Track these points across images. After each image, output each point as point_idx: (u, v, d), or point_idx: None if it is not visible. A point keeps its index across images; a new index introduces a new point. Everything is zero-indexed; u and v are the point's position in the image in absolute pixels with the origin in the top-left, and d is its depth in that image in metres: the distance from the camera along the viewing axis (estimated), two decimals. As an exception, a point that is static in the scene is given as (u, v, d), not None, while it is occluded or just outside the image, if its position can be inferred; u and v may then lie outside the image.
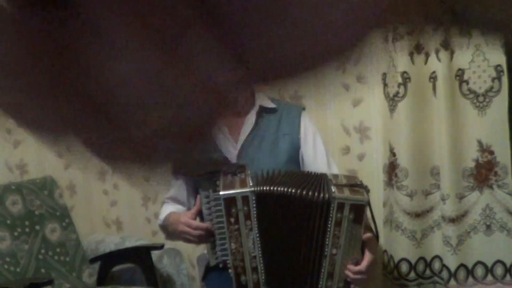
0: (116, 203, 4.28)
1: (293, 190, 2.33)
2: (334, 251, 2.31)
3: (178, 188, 2.82)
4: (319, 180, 2.41)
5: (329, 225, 2.30)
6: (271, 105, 2.76)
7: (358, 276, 2.31)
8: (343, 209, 2.27)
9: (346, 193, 2.29)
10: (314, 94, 3.31)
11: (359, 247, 2.31)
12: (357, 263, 2.32)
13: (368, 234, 2.33)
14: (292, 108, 2.81)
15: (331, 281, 2.35)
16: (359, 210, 2.27)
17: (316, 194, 2.31)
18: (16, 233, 3.31)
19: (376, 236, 2.42)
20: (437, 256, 2.83)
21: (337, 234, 2.29)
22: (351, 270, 2.31)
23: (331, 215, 2.29)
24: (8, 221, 3.32)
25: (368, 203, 2.30)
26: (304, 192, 2.32)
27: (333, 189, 2.30)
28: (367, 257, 2.32)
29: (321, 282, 2.37)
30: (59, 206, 3.58)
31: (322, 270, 2.35)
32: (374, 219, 2.44)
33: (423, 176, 2.83)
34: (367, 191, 2.35)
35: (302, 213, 2.33)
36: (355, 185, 2.36)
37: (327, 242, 2.32)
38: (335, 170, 2.68)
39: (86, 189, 4.19)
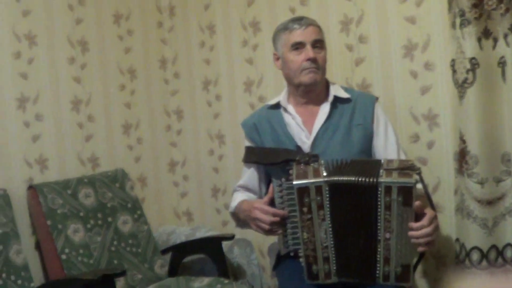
0: (186, 194, 4.33)
1: (353, 178, 2.33)
2: (387, 235, 2.30)
3: (250, 176, 2.85)
4: (374, 166, 2.40)
5: (379, 210, 2.28)
6: (345, 95, 2.76)
7: (423, 231, 2.28)
8: (390, 192, 2.25)
9: (394, 176, 2.28)
10: (382, 82, 3.29)
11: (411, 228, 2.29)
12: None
13: (417, 202, 2.29)
14: (366, 97, 2.81)
15: (388, 266, 2.33)
16: (407, 192, 2.25)
17: (366, 179, 2.30)
18: (89, 225, 3.38)
19: (430, 202, 2.39)
20: (509, 244, 2.78)
21: (388, 218, 2.28)
22: (414, 227, 2.28)
23: (379, 199, 2.27)
24: (81, 214, 3.39)
25: (416, 184, 2.27)
26: (359, 179, 2.32)
27: (381, 173, 2.29)
28: (427, 214, 2.30)
29: (378, 268, 2.35)
30: (131, 198, 3.65)
31: (378, 256, 2.33)
32: (427, 192, 2.41)
33: (494, 163, 2.78)
34: (418, 172, 2.33)
35: (359, 199, 2.33)
36: (405, 168, 2.33)
37: (379, 227, 2.30)
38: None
39: (156, 181, 4.25)
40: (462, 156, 2.84)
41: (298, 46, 2.68)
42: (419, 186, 2.35)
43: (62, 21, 3.74)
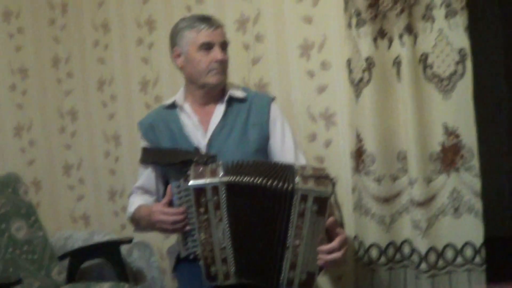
0: (83, 197, 4.24)
1: (259, 180, 2.32)
2: (297, 242, 2.30)
3: (147, 177, 2.81)
4: (285, 170, 2.40)
5: (292, 216, 2.29)
6: (241, 94, 2.75)
7: (333, 255, 2.29)
8: (306, 200, 2.25)
9: (310, 184, 2.27)
10: (279, 82, 3.30)
11: (322, 238, 2.30)
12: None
13: (331, 218, 2.31)
14: (262, 97, 2.80)
15: (294, 272, 2.34)
16: (322, 202, 2.25)
17: (280, 184, 2.30)
18: (-19, 233, 3.26)
19: (341, 223, 2.41)
20: (406, 240, 2.84)
21: (300, 225, 2.28)
22: (324, 250, 2.29)
23: (294, 205, 2.28)
24: (-27, 221, 3.26)
25: (331, 195, 2.29)
26: (269, 182, 2.31)
27: (297, 180, 2.29)
28: (339, 235, 2.31)
29: (283, 273, 2.36)
30: (24, 203, 3.53)
31: (285, 261, 2.34)
32: (339, 207, 2.43)
33: (390, 161, 2.84)
34: (333, 183, 2.34)
35: (268, 203, 2.32)
36: (321, 177, 2.34)
37: (289, 233, 2.31)
38: (302, 161, 2.67)
39: (51, 184, 4.14)
40: (358, 154, 2.89)
41: (206, 46, 2.65)
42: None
43: None
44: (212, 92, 2.71)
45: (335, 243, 2.29)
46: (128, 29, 3.91)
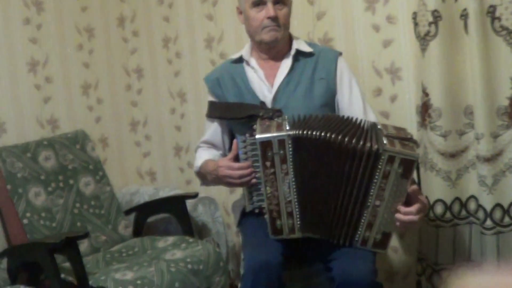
0: (149, 154, 4.29)
1: (332, 135, 2.30)
2: (377, 202, 2.29)
3: (213, 131, 2.83)
4: (366, 129, 2.38)
5: (376, 176, 2.27)
6: (308, 49, 2.73)
7: (409, 217, 2.27)
8: (393, 162, 2.23)
9: (398, 146, 2.25)
10: (344, 36, 3.26)
11: (403, 201, 2.29)
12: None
13: (414, 187, 2.29)
14: (329, 52, 2.78)
15: (370, 231, 2.33)
16: (409, 165, 2.23)
17: (362, 142, 2.27)
18: (50, 188, 3.33)
19: (420, 189, 2.39)
20: (472, 196, 2.80)
21: (383, 186, 2.27)
22: (401, 211, 2.28)
23: (379, 166, 2.26)
24: (42, 177, 3.33)
25: (417, 159, 2.27)
26: (346, 139, 2.29)
27: (385, 141, 2.26)
28: (417, 203, 2.29)
29: (359, 232, 2.35)
30: (92, 159, 3.60)
31: (362, 220, 2.33)
32: (419, 173, 2.41)
33: (456, 116, 2.79)
34: (418, 146, 2.32)
35: (344, 160, 2.30)
36: (406, 139, 2.32)
37: (371, 193, 2.29)
38: (371, 116, 2.65)
39: (118, 141, 4.20)
40: (425, 109, 2.84)
41: (259, 3, 2.64)
42: None
43: (15, -20, 3.65)
44: (274, 48, 2.70)
45: (413, 208, 2.27)
46: (192, -14, 3.91)
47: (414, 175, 2.31)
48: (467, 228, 2.83)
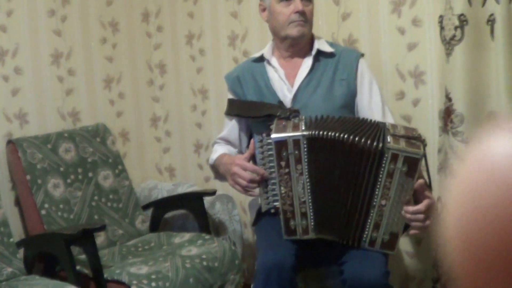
0: (169, 150, 4.29)
1: (345, 136, 2.30)
2: (383, 202, 2.27)
3: (231, 129, 2.84)
4: (376, 128, 2.37)
5: (380, 175, 2.25)
6: (329, 49, 2.72)
7: (416, 216, 2.26)
8: (396, 160, 2.22)
9: (402, 144, 2.24)
10: (369, 38, 3.24)
11: (409, 200, 2.26)
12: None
13: (420, 181, 2.27)
14: (351, 53, 2.77)
15: (377, 232, 2.31)
16: (413, 163, 2.22)
17: (369, 142, 2.27)
18: (69, 180, 3.34)
19: (429, 185, 2.37)
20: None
21: (388, 185, 2.25)
22: (408, 211, 2.26)
23: (383, 165, 2.24)
24: (62, 169, 3.35)
25: (423, 157, 2.25)
26: (357, 139, 2.28)
27: (389, 139, 2.25)
28: (425, 200, 2.27)
29: (366, 232, 2.34)
30: (112, 153, 3.61)
31: (369, 220, 2.32)
32: (428, 170, 2.39)
33: (479, 122, 2.76)
34: (424, 144, 2.30)
35: (354, 160, 2.30)
36: (412, 137, 2.30)
37: (377, 192, 2.28)
38: (389, 119, 2.63)
39: (138, 136, 4.20)
40: (447, 114, 2.81)
41: None
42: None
43: (41, -28, 3.66)
44: (297, 45, 2.69)
45: (420, 206, 2.26)
46: (218, -16, 3.90)
47: (424, 173, 2.29)
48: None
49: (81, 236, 2.80)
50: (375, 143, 2.26)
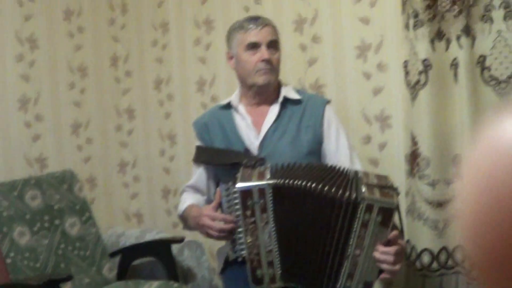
0: (137, 195, 4.26)
1: (313, 185, 2.29)
2: (357, 251, 2.26)
3: (199, 176, 2.83)
4: (347, 177, 2.37)
5: (355, 225, 2.25)
6: (296, 96, 2.73)
7: (386, 257, 2.24)
8: (371, 211, 2.22)
9: (376, 194, 2.24)
10: (335, 83, 3.27)
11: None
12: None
13: (395, 232, 2.27)
14: (317, 100, 2.78)
15: (351, 281, 2.30)
16: (387, 213, 2.22)
17: (341, 191, 2.26)
18: (35, 228, 3.30)
19: (401, 232, 2.37)
20: (459, 246, 2.78)
21: (362, 235, 2.25)
22: (379, 250, 2.25)
23: (358, 215, 2.24)
24: (27, 216, 3.30)
25: (397, 207, 2.25)
26: (326, 188, 2.27)
27: (364, 189, 2.25)
28: (397, 245, 2.26)
29: (340, 281, 2.32)
30: (79, 200, 3.57)
31: (343, 270, 2.30)
32: (401, 218, 2.39)
33: (445, 165, 2.78)
34: (397, 193, 2.30)
35: (324, 209, 2.29)
36: (386, 187, 2.30)
37: (351, 242, 2.27)
38: (358, 165, 2.63)
39: (106, 181, 4.17)
40: (413, 157, 2.83)
41: (253, 46, 2.64)
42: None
43: (10, 17, 3.67)
44: (264, 92, 2.70)
45: (391, 248, 2.25)
46: (186, 29, 3.92)
47: (397, 220, 2.30)
48: (453, 278, 2.80)
49: (46, 287, 2.75)
50: (347, 193, 2.25)
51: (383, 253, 2.25)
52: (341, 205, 2.25)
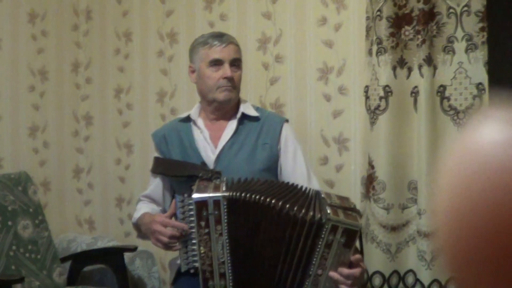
0: (90, 202, 4.24)
1: (273, 201, 2.31)
2: (319, 271, 2.29)
3: (155, 187, 2.83)
4: (309, 197, 2.40)
5: (318, 246, 2.27)
6: (254, 113, 2.76)
7: (347, 281, 2.28)
8: (336, 232, 2.25)
9: (341, 216, 2.27)
10: (295, 103, 3.32)
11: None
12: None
13: (357, 256, 2.31)
14: (275, 118, 2.82)
15: None
16: (351, 234, 2.25)
17: (304, 210, 2.28)
18: (-13, 229, 3.27)
19: (362, 254, 2.41)
20: (411, 270, 2.84)
21: (326, 255, 2.27)
22: (342, 273, 2.28)
23: (322, 235, 2.26)
24: (-20, 216, 3.27)
25: (361, 230, 2.29)
26: (288, 206, 2.30)
27: (329, 210, 2.28)
28: (358, 267, 2.30)
29: None
30: (33, 202, 3.54)
31: None
32: (361, 240, 2.43)
33: (400, 190, 2.84)
34: (360, 216, 2.35)
35: (284, 227, 2.31)
36: (349, 208, 2.34)
37: (313, 262, 2.29)
38: (315, 184, 2.67)
39: (60, 186, 4.14)
40: (369, 181, 2.89)
41: (216, 62, 2.67)
42: None
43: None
44: (223, 108, 2.73)
45: (355, 271, 2.28)
46: (150, 40, 3.93)
47: (357, 243, 2.34)
48: (403, 302, 2.86)
49: (-4, 288, 2.74)
50: (311, 213, 2.27)
51: (345, 276, 2.28)
52: (304, 224, 2.28)
